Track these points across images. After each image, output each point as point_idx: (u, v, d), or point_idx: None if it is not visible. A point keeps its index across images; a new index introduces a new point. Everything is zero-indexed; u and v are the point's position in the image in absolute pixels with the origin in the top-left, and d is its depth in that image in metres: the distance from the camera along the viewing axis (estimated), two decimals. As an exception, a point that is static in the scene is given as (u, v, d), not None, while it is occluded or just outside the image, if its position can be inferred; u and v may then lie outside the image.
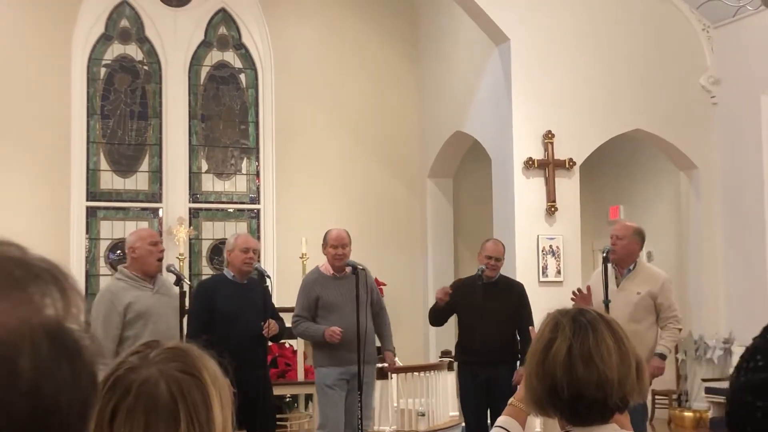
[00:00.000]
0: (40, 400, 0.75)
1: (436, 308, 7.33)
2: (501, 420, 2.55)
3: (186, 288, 6.22)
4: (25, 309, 0.77)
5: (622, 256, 6.83)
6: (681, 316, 6.91)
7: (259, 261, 7.03)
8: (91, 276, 11.99)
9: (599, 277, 6.87)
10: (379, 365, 7.49)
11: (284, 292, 9.99)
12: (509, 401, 2.60)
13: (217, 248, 12.35)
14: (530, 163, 10.23)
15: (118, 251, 12.19)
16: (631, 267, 6.86)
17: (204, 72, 12.85)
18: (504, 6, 10.36)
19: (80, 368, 0.79)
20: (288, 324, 7.12)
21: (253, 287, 6.80)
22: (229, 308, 6.49)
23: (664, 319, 6.80)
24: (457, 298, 7.29)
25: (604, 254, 6.88)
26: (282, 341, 10.25)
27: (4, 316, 0.75)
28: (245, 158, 12.91)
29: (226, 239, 8.73)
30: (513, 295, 7.30)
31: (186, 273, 11.61)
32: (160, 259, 6.20)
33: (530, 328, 3.13)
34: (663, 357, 6.77)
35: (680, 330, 6.91)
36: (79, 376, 0.79)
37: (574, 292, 6.86)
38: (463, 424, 7.89)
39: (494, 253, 7.25)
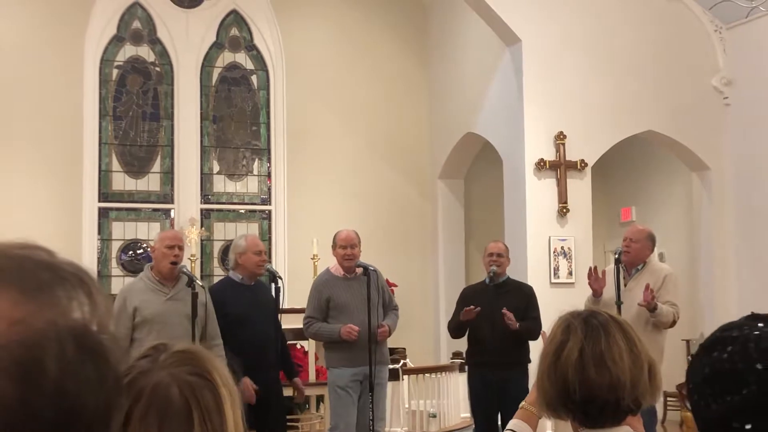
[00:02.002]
0: (65, 401, 0.76)
1: (460, 322, 7.28)
2: (512, 423, 2.55)
3: (198, 289, 6.20)
4: (52, 311, 0.77)
5: (633, 258, 6.94)
6: (679, 312, 6.88)
7: (270, 262, 7.04)
8: (103, 277, 12.02)
9: (611, 277, 6.91)
10: (391, 366, 7.50)
11: (295, 293, 10.00)
12: (521, 404, 2.59)
13: (229, 249, 12.35)
14: (542, 164, 10.21)
15: (130, 252, 12.23)
16: (639, 267, 6.94)
17: (216, 73, 12.87)
18: (515, 7, 10.34)
19: (105, 371, 0.80)
20: (297, 325, 7.13)
21: (261, 288, 6.82)
22: (240, 312, 6.45)
23: (665, 302, 6.81)
24: (468, 304, 7.31)
25: (616, 255, 6.93)
26: (293, 342, 10.29)
27: (31, 318, 0.76)
28: (257, 159, 12.93)
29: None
30: (523, 296, 7.32)
31: (198, 274, 11.61)
32: (174, 263, 6.16)
33: (542, 332, 3.13)
34: (653, 308, 6.68)
35: (676, 316, 6.81)
36: (104, 378, 0.80)
37: (590, 269, 6.91)
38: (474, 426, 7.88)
39: (495, 250, 7.32)
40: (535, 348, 7.06)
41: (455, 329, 7.43)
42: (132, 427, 1.38)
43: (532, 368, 7.28)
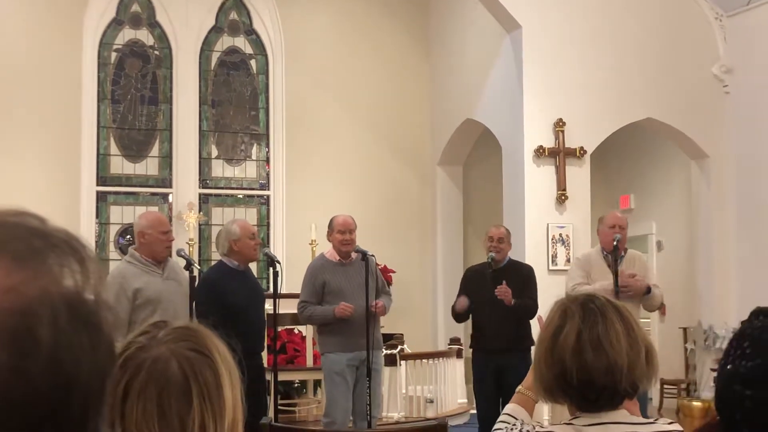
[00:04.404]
0: (59, 370, 0.75)
1: (457, 311, 7.35)
2: (509, 408, 2.55)
3: (196, 273, 6.20)
4: (44, 279, 0.77)
5: (623, 245, 7.16)
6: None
7: (268, 246, 7.04)
8: (100, 260, 12.01)
9: (599, 264, 7.04)
10: (389, 352, 7.51)
11: (293, 279, 9.99)
12: (517, 389, 2.59)
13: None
14: (541, 151, 10.20)
15: (128, 236, 12.22)
16: (623, 254, 7.12)
17: (215, 57, 12.84)
18: (516, -7, 10.32)
19: (99, 339, 0.79)
20: (295, 310, 7.14)
21: (251, 273, 6.85)
22: (240, 300, 6.39)
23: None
24: (469, 287, 7.32)
25: (615, 243, 7.00)
26: (291, 327, 10.30)
27: (23, 286, 0.75)
28: (255, 144, 12.92)
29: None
30: (521, 276, 7.32)
31: (196, 258, 11.60)
32: (169, 247, 6.20)
33: (538, 317, 3.13)
34: (649, 290, 7.00)
35: (662, 297, 7.28)
36: (98, 346, 0.79)
37: None
38: (472, 411, 7.90)
39: (496, 235, 7.32)
40: (535, 332, 7.10)
41: (454, 317, 7.48)
42: (131, 399, 1.38)
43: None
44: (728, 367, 1.31)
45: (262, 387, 6.58)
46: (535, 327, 5.83)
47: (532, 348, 7.25)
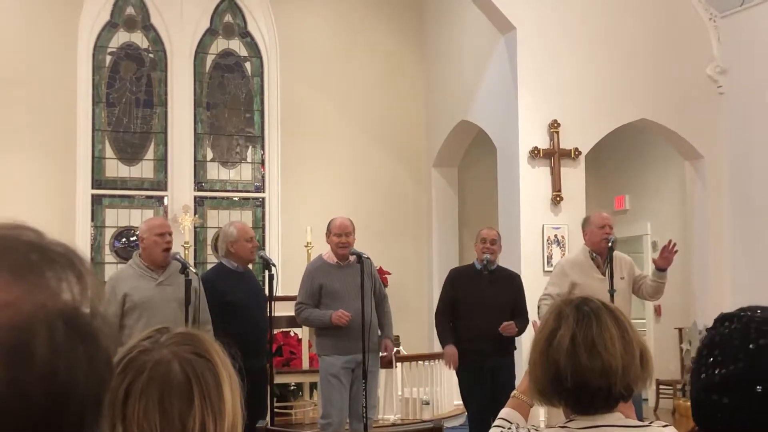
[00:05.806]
0: (56, 384, 0.76)
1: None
2: (504, 412, 2.55)
3: (191, 276, 6.19)
4: (41, 294, 0.77)
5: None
6: None
7: (263, 249, 7.04)
8: (96, 264, 12.00)
9: (588, 266, 7.06)
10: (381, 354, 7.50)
11: (289, 281, 9.99)
12: (512, 394, 2.60)
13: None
14: (536, 152, 10.21)
15: (123, 239, 12.21)
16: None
17: (209, 60, 12.84)
18: (510, -5, 10.33)
19: (96, 353, 0.80)
20: (291, 313, 7.14)
21: (251, 276, 6.85)
22: (239, 299, 6.45)
23: (644, 277, 7.29)
24: (458, 288, 7.31)
25: (610, 244, 7.01)
26: (287, 329, 10.30)
27: (20, 300, 0.76)
28: (250, 146, 12.91)
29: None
30: (514, 286, 7.36)
31: (191, 261, 11.60)
32: (167, 250, 6.16)
33: (533, 321, 3.13)
34: (663, 269, 7.13)
35: None
36: (95, 360, 0.79)
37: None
38: (466, 413, 7.89)
39: (489, 237, 7.34)
40: (525, 334, 7.11)
41: (441, 333, 7.43)
42: (132, 400, 1.39)
43: (519, 355, 7.36)
44: (702, 376, 1.32)
45: (265, 389, 6.57)
46: (530, 331, 5.83)
47: (515, 351, 7.33)
